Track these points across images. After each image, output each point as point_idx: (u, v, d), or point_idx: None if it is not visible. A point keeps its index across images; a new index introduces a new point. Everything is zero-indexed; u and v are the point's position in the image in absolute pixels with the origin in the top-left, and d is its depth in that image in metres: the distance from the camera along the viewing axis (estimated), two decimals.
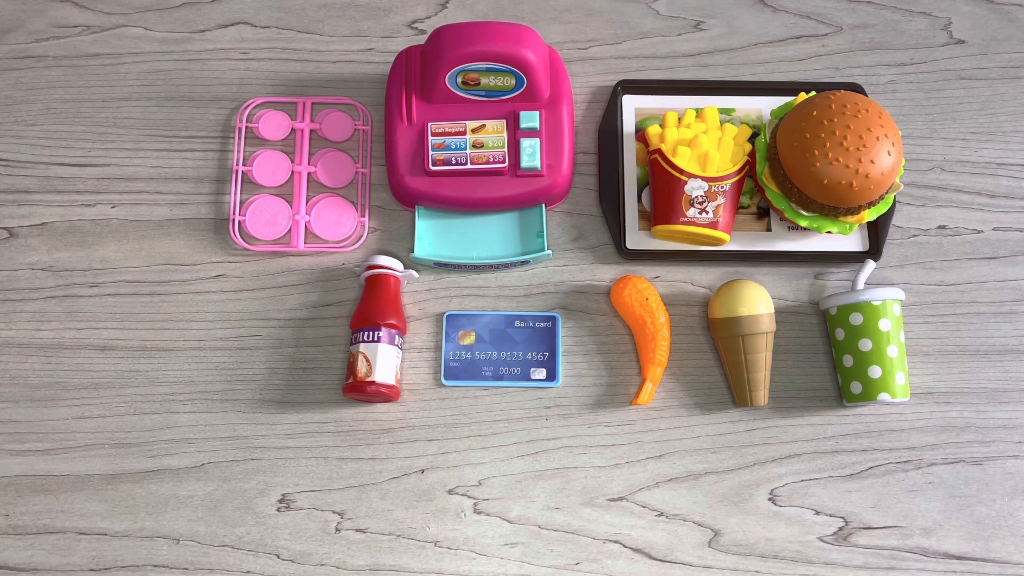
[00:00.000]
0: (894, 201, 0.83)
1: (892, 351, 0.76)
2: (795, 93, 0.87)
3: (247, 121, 0.86)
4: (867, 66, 0.90)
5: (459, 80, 0.80)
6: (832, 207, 0.77)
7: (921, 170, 0.87)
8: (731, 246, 0.83)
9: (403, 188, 0.81)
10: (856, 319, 0.77)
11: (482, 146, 0.80)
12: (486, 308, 0.82)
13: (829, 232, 0.80)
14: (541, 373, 0.80)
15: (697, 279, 0.84)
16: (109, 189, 0.85)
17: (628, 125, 0.86)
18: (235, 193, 0.83)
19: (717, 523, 0.77)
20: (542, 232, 0.82)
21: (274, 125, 0.85)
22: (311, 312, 0.82)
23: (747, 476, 0.78)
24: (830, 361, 0.82)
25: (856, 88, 0.87)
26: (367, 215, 0.84)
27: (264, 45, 0.89)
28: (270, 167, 0.84)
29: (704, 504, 0.78)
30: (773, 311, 0.78)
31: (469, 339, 0.81)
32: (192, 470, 0.77)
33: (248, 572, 0.75)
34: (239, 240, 0.82)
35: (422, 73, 0.82)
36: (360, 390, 0.75)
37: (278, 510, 0.77)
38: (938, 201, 0.87)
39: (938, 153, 0.88)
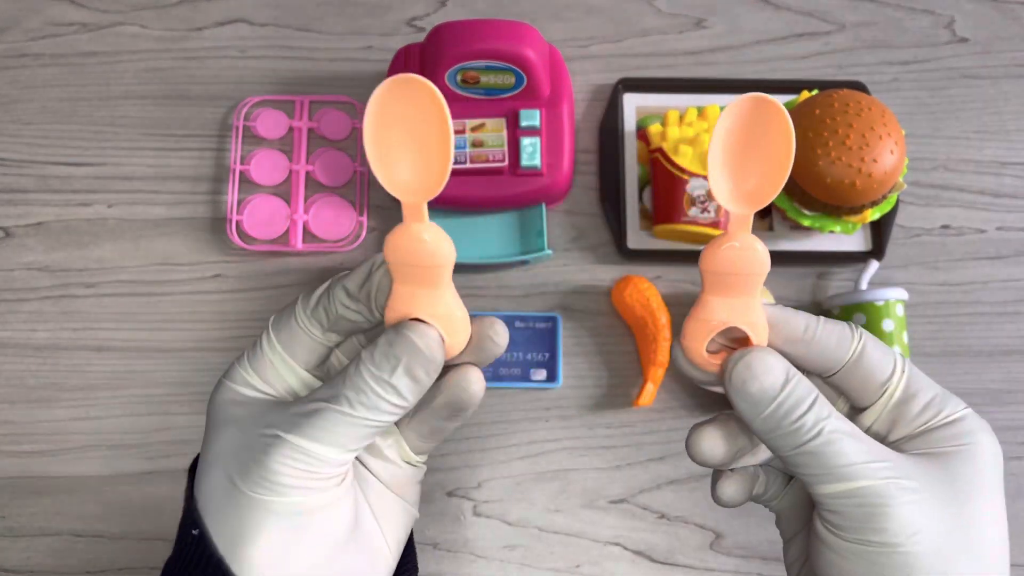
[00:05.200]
0: (897, 200, 0.82)
1: (895, 351, 0.75)
2: (797, 91, 0.86)
3: (245, 120, 0.85)
4: (870, 64, 0.89)
5: (458, 78, 0.79)
6: (835, 206, 0.76)
7: (924, 169, 0.87)
8: None
9: None
10: (859, 319, 0.76)
11: (481, 145, 0.80)
12: (486, 308, 0.82)
13: (832, 232, 0.80)
14: (541, 374, 0.79)
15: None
16: (106, 188, 0.84)
17: (629, 124, 0.86)
18: (232, 192, 0.83)
19: (719, 525, 0.77)
20: (542, 232, 0.81)
21: (272, 124, 0.85)
22: None
23: None
24: None
25: (859, 86, 0.86)
26: (366, 214, 0.83)
27: (262, 43, 0.88)
28: (268, 166, 0.83)
29: (706, 506, 0.77)
30: None
31: None
32: None
33: None
34: (237, 240, 0.81)
35: (421, 71, 0.81)
36: None
37: None
38: (941, 200, 0.86)
39: (941, 152, 0.87)
